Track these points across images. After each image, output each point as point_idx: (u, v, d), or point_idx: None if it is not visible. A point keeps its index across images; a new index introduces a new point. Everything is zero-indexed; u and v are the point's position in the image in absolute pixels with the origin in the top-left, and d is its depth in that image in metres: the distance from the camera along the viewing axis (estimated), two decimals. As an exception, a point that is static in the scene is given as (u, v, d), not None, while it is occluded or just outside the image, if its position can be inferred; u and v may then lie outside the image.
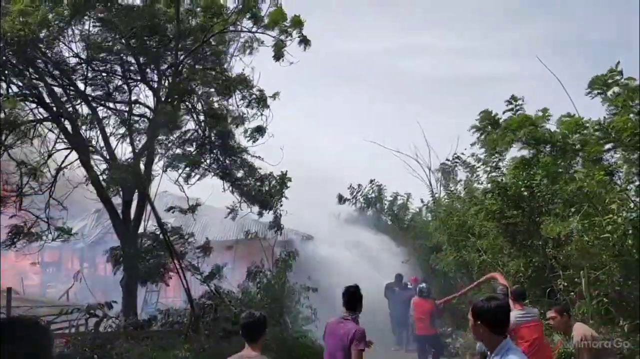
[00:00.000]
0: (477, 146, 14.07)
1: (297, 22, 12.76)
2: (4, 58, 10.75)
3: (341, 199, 22.04)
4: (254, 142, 13.81)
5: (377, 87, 48.46)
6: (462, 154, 15.59)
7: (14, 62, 11.11)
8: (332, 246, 19.90)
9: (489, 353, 3.38)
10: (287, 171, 13.67)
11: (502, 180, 12.47)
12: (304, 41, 12.92)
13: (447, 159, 18.36)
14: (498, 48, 52.69)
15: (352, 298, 5.60)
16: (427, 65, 51.67)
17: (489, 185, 13.06)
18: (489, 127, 13.43)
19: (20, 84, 11.84)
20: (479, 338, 3.60)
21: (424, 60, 55.21)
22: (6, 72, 11.31)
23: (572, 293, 10.39)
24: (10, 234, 11.27)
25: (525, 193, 11.71)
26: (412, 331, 13.44)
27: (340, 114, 46.85)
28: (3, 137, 11.21)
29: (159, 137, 12.79)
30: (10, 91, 11.49)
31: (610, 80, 10.30)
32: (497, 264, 12.89)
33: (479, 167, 14.63)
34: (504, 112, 13.14)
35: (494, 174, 13.17)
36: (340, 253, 19.43)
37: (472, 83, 47.04)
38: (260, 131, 13.85)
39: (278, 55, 13.09)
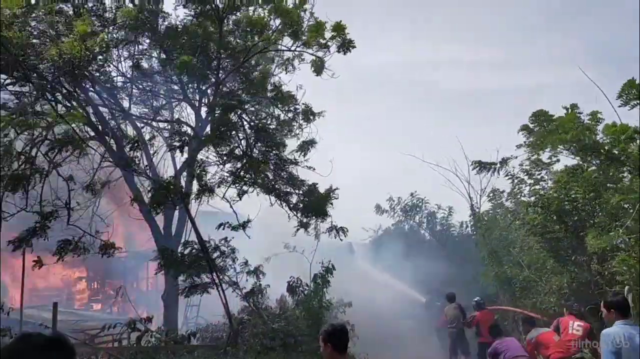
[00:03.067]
0: (523, 149, 13.72)
1: (339, 28, 12.74)
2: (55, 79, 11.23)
3: (379, 210, 21.86)
4: (304, 155, 13.93)
5: (412, 101, 48.19)
6: (508, 157, 15.10)
7: (63, 82, 11.60)
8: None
9: None
10: (334, 187, 13.67)
11: (544, 194, 12.20)
12: (347, 44, 12.67)
13: (493, 162, 17.87)
14: (535, 58, 51.71)
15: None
16: (463, 78, 51.12)
17: (532, 198, 12.78)
18: (542, 127, 13.04)
19: (68, 104, 12.35)
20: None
21: (459, 73, 54.70)
22: (56, 93, 11.83)
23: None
24: (59, 247, 11.68)
25: (568, 207, 11.41)
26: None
27: (375, 127, 46.72)
28: (52, 156, 11.71)
29: (204, 154, 13.07)
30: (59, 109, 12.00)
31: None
32: (540, 280, 12.59)
33: (522, 177, 14.18)
34: (559, 118, 12.79)
35: (537, 187, 12.88)
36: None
37: (510, 95, 46.28)
38: (311, 144, 13.99)
39: (318, 70, 13.19)
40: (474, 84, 51.17)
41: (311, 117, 14.10)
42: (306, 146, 13.95)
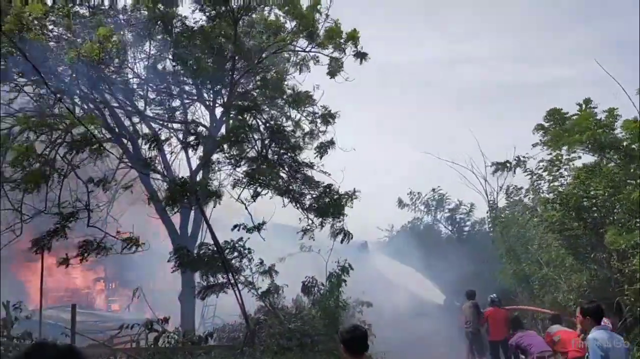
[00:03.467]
0: (539, 147, 13.59)
1: (352, 37, 12.77)
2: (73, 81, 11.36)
3: (401, 204, 21.85)
4: (321, 157, 13.94)
5: (428, 98, 47.87)
6: (524, 156, 14.94)
7: (81, 84, 11.72)
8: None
9: None
10: (355, 190, 13.64)
11: (562, 190, 12.05)
12: (360, 55, 12.87)
13: (508, 162, 17.68)
14: (553, 53, 51.03)
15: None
16: (479, 74, 50.70)
17: (550, 195, 12.62)
18: (557, 126, 12.89)
19: (85, 106, 12.48)
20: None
21: (475, 68, 54.26)
22: (74, 95, 11.97)
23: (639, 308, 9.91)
24: (81, 248, 11.81)
25: (587, 203, 11.25)
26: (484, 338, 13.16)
27: (391, 125, 46.50)
28: (70, 157, 11.84)
29: (219, 155, 13.12)
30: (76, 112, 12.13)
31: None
32: (560, 278, 12.44)
33: (541, 174, 14.00)
34: (573, 116, 12.65)
35: (555, 183, 12.72)
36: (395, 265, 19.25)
37: (526, 90, 45.74)
38: (330, 144, 13.99)
39: (333, 72, 13.18)
40: (490, 79, 50.79)
41: (330, 120, 14.11)
42: (324, 147, 13.95)
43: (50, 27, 11.40)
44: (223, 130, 13.43)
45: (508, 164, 14.02)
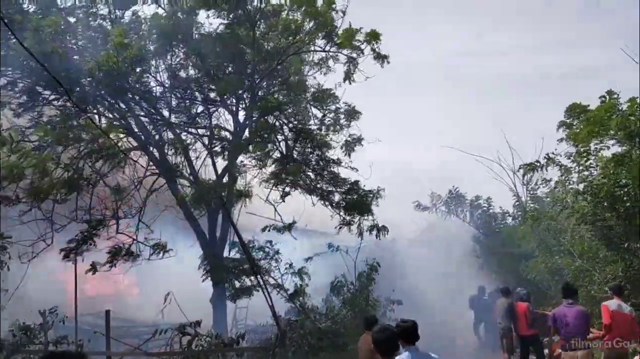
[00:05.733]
0: (565, 142, 13.34)
1: (374, 36, 12.68)
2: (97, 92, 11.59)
3: (419, 207, 21.50)
4: (349, 155, 13.95)
5: (453, 92, 47.38)
6: (553, 153, 14.66)
7: (104, 94, 11.94)
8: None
9: None
10: (381, 188, 13.62)
11: (592, 181, 11.80)
12: (381, 57, 12.75)
13: (537, 161, 17.37)
14: (579, 41, 50.14)
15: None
16: (504, 66, 50.04)
17: (580, 186, 12.38)
18: (577, 121, 12.65)
19: (110, 115, 12.71)
20: None
21: (501, 60, 53.54)
22: (98, 105, 12.21)
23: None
24: (110, 254, 12.04)
25: (619, 193, 10.99)
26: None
27: (416, 121, 46.12)
28: (98, 166, 12.08)
29: (244, 157, 13.26)
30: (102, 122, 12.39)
31: None
32: (594, 270, 12.20)
33: (570, 167, 13.73)
34: (596, 108, 12.37)
35: (585, 173, 12.45)
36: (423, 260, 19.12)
37: (554, 80, 44.97)
38: (358, 141, 13.99)
39: (348, 75, 13.18)
40: (516, 70, 49.98)
41: (353, 116, 14.11)
42: (351, 144, 13.94)
43: (73, 41, 11.68)
44: (247, 133, 13.54)
45: (537, 163, 13.78)
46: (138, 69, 11.88)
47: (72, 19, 11.99)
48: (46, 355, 2.39)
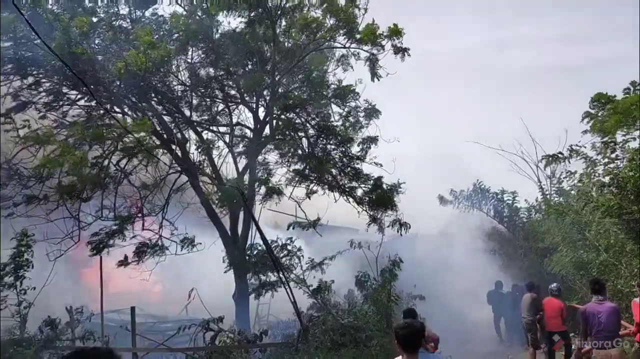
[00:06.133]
0: (589, 134, 13.12)
1: (395, 32, 12.56)
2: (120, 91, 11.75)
3: (442, 200, 21.24)
4: (366, 152, 13.91)
5: (474, 85, 46.75)
6: (577, 145, 14.38)
7: (128, 93, 12.09)
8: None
9: None
10: (401, 181, 13.57)
11: (618, 173, 11.58)
12: (401, 50, 12.60)
13: (560, 153, 17.04)
14: (602, 32, 49.02)
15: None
16: (525, 57, 49.14)
17: (606, 179, 12.17)
18: (603, 111, 12.43)
19: (134, 114, 12.86)
20: None
21: (522, 51, 52.61)
22: (122, 104, 12.37)
23: None
24: (137, 250, 12.23)
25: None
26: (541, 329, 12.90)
27: (437, 115, 45.64)
28: (123, 165, 12.28)
29: (266, 155, 13.30)
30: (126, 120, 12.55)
31: None
32: (620, 264, 11.99)
33: (595, 159, 13.44)
34: (621, 99, 12.14)
35: (611, 165, 12.23)
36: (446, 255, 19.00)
37: (576, 72, 44.11)
38: (374, 141, 13.95)
39: (374, 73, 13.06)
40: (539, 61, 49.07)
41: (374, 115, 14.06)
42: (368, 142, 13.90)
43: (97, 40, 11.83)
44: (267, 130, 13.59)
45: (561, 155, 13.52)
46: (162, 69, 11.98)
47: (94, 19, 12.15)
48: (76, 352, 2.42)
